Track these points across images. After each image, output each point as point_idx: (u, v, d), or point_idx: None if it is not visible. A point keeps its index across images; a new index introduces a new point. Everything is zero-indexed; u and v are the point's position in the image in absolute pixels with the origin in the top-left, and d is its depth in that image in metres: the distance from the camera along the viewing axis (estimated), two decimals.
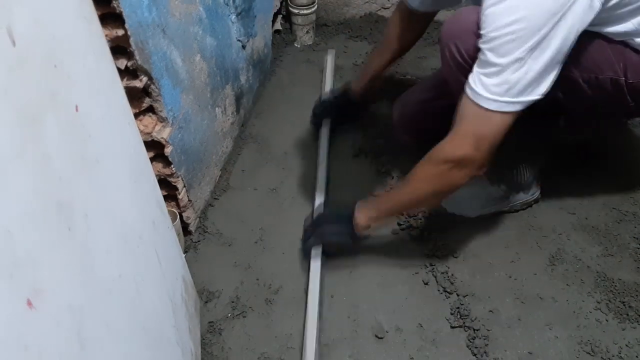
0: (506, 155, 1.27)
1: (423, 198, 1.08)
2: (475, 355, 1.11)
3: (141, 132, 1.06)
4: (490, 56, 0.88)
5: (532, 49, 0.85)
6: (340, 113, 1.60)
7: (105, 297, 0.59)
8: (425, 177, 1.04)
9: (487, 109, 0.91)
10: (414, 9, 1.31)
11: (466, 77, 0.96)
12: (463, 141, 0.96)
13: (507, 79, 0.88)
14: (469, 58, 0.99)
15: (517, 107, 0.91)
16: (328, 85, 1.73)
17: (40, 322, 0.44)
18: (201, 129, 1.29)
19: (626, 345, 1.10)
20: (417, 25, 1.39)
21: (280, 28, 2.00)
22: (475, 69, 0.92)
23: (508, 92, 0.89)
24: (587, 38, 0.94)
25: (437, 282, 1.24)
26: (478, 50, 0.92)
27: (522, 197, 1.34)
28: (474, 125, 0.94)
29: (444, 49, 1.06)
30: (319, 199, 1.37)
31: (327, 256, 1.26)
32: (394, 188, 1.16)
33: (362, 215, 1.17)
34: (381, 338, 1.14)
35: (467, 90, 0.93)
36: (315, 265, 1.23)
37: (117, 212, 0.66)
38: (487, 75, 0.89)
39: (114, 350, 0.60)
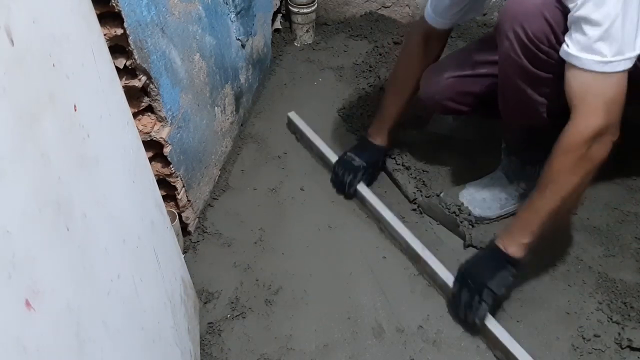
0: (525, 152, 1.28)
1: (572, 193, 1.00)
2: (475, 355, 1.11)
3: (140, 131, 1.06)
4: (590, 23, 0.89)
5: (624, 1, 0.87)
6: (374, 170, 1.45)
7: (103, 298, 0.59)
8: (567, 169, 0.98)
9: (606, 73, 0.91)
10: (436, 25, 1.24)
11: (530, 61, 0.98)
12: (594, 113, 0.94)
13: (613, 37, 0.88)
14: (536, 39, 0.98)
15: (629, 64, 0.91)
16: (325, 149, 1.50)
17: (39, 323, 0.44)
18: (200, 128, 1.29)
19: (627, 346, 1.10)
20: (435, 48, 1.31)
21: (280, 27, 2.00)
22: (576, 37, 0.92)
23: (619, 50, 0.89)
24: None
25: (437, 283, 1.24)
26: (559, 27, 0.94)
27: None
28: (599, 93, 0.93)
29: (507, 32, 1.02)
30: (439, 266, 1.21)
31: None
32: (530, 202, 1.04)
33: (515, 247, 1.07)
34: (381, 339, 1.14)
35: (576, 63, 0.93)
36: (501, 332, 1.09)
37: (115, 212, 0.66)
38: (593, 41, 0.90)
39: (112, 350, 0.60)
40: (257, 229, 1.37)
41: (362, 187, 1.39)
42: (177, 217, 1.25)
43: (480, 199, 1.32)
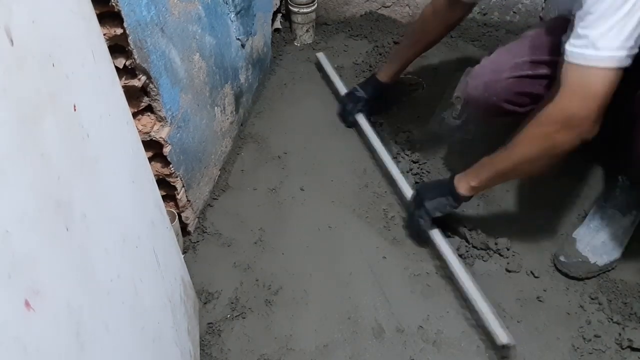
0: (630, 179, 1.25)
1: (526, 162, 1.05)
2: (475, 355, 1.11)
3: (140, 131, 1.06)
4: (594, 17, 0.90)
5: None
6: (375, 104, 1.59)
7: (103, 298, 0.59)
8: (530, 139, 1.02)
9: (595, 67, 0.92)
10: None
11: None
12: (572, 100, 0.95)
13: (619, 32, 0.89)
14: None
15: (623, 61, 0.91)
16: (340, 84, 1.70)
17: (39, 323, 0.44)
18: (200, 128, 1.29)
19: (628, 347, 1.10)
20: (456, 16, 1.36)
21: (280, 27, 1.99)
22: (580, 31, 0.93)
23: (613, 44, 0.90)
24: None
25: (438, 282, 1.24)
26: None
27: None
28: (583, 83, 0.94)
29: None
30: (403, 183, 1.37)
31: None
32: (494, 153, 1.11)
33: (463, 185, 1.17)
34: (381, 339, 1.14)
35: (571, 52, 0.94)
36: (442, 242, 1.24)
37: (115, 212, 0.66)
38: (595, 34, 0.90)
39: (112, 350, 0.60)
40: (257, 229, 1.37)
41: (360, 118, 1.57)
42: (177, 217, 1.25)
43: (599, 244, 1.23)
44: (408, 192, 1.35)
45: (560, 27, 1.25)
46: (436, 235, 1.25)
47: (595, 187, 1.41)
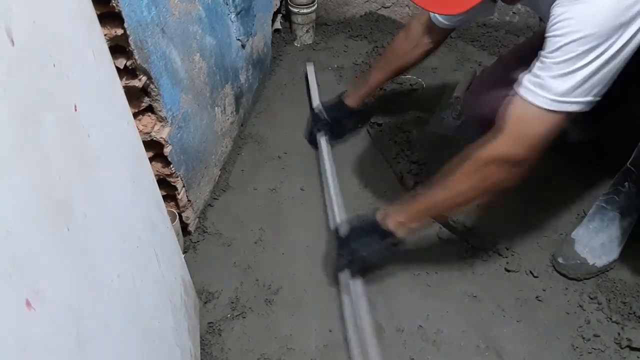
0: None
1: (462, 198, 1.03)
2: (475, 355, 1.11)
3: (140, 131, 1.06)
4: (555, 59, 0.88)
5: (597, 55, 0.85)
6: (337, 127, 1.55)
7: (104, 298, 0.59)
8: (467, 176, 1.01)
9: (546, 109, 0.90)
10: (439, 24, 1.25)
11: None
12: (515, 141, 0.94)
13: (572, 80, 0.88)
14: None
15: (577, 107, 0.90)
16: (315, 100, 1.64)
17: (40, 323, 0.44)
18: (200, 128, 1.29)
19: (627, 346, 1.10)
20: (432, 42, 1.31)
21: (280, 27, 2.00)
22: (537, 71, 0.91)
23: (572, 92, 0.88)
24: None
25: (438, 282, 1.24)
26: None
27: None
28: (529, 125, 0.93)
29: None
30: (337, 215, 1.30)
31: (360, 272, 1.19)
32: (426, 187, 1.08)
33: (390, 221, 1.11)
34: (381, 339, 1.14)
35: (524, 91, 0.93)
36: (356, 287, 1.17)
37: (116, 212, 0.66)
38: (550, 76, 0.89)
39: (112, 350, 0.60)
40: (257, 229, 1.37)
41: (321, 139, 1.52)
42: (178, 217, 1.25)
43: (598, 246, 1.23)
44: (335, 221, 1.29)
45: None
46: (350, 279, 1.17)
47: (594, 188, 1.41)
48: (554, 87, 0.89)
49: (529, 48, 1.27)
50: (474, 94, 1.33)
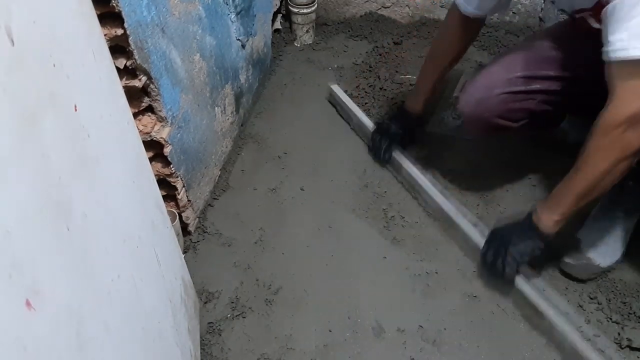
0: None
1: (604, 176, 1.00)
2: (475, 355, 1.11)
3: (140, 131, 1.06)
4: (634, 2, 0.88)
5: None
6: (405, 140, 1.51)
7: (104, 298, 0.59)
8: (599, 151, 0.99)
9: None
10: (468, 14, 1.27)
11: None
12: (632, 98, 0.93)
13: None
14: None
15: None
16: (365, 118, 1.59)
17: (39, 323, 0.44)
18: (200, 128, 1.29)
19: (627, 346, 1.10)
20: (470, 31, 1.34)
21: (280, 27, 2.00)
22: (621, 26, 0.91)
23: None
24: None
25: (438, 282, 1.24)
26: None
27: None
28: (637, 78, 0.92)
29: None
30: (469, 228, 1.28)
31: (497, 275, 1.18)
32: (566, 179, 1.07)
33: (548, 221, 1.11)
34: (381, 339, 1.14)
35: (618, 52, 0.92)
36: (531, 291, 1.15)
37: (116, 212, 0.66)
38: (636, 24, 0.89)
39: (112, 351, 0.60)
40: (257, 229, 1.37)
41: (397, 154, 1.48)
42: (178, 217, 1.25)
43: (604, 246, 1.23)
44: (473, 234, 1.26)
45: (559, 37, 1.25)
46: (522, 283, 1.17)
47: None
48: None
49: (528, 48, 1.28)
50: (468, 93, 1.30)
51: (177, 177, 1.19)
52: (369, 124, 1.56)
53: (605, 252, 1.22)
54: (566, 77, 1.21)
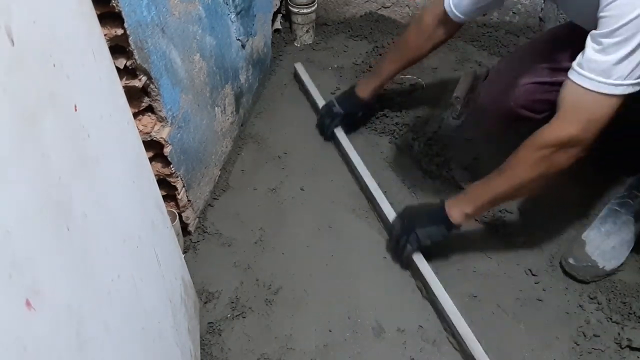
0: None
1: (524, 185, 1.05)
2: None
3: (140, 131, 1.06)
4: (612, 40, 0.88)
5: None
6: (350, 119, 1.57)
7: (104, 298, 0.59)
8: (527, 163, 1.02)
9: (602, 93, 0.91)
10: (453, 18, 1.24)
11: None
12: (573, 124, 0.95)
13: (634, 61, 0.88)
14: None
15: (630, 90, 0.91)
16: (317, 96, 1.68)
17: (39, 323, 0.44)
18: (200, 128, 1.29)
19: (627, 346, 1.10)
20: (444, 33, 1.31)
21: (280, 27, 2.00)
22: (592, 55, 0.91)
23: (624, 72, 0.89)
24: None
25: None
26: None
27: None
28: (587, 108, 0.94)
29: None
30: (386, 206, 1.34)
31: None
32: (487, 179, 1.11)
33: (457, 212, 1.15)
34: (381, 339, 1.14)
35: (579, 78, 0.93)
36: (424, 267, 1.22)
37: (116, 212, 0.66)
38: (607, 60, 0.89)
39: (112, 351, 0.60)
40: (257, 229, 1.37)
41: (339, 132, 1.55)
42: (178, 217, 1.25)
43: (609, 249, 1.22)
44: (388, 210, 1.33)
45: (576, 34, 1.25)
46: (420, 261, 1.23)
47: (595, 189, 1.41)
48: (613, 71, 0.89)
49: (548, 42, 1.27)
50: (492, 83, 1.30)
51: (177, 177, 1.19)
52: (319, 101, 1.64)
53: (611, 255, 1.22)
54: None
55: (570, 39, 1.22)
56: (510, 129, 1.38)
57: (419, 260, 1.23)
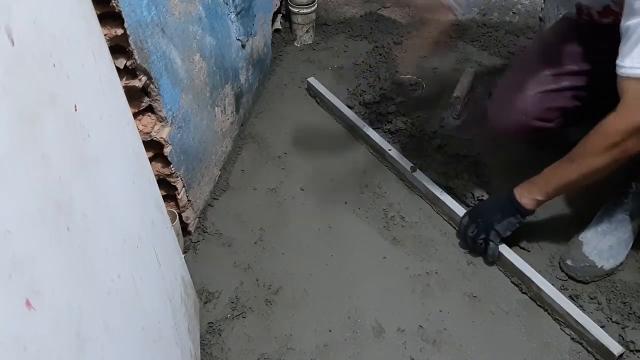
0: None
1: (596, 172, 1.05)
2: (476, 355, 1.11)
3: (140, 131, 1.06)
4: None
5: None
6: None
7: (104, 298, 0.59)
8: (598, 150, 1.02)
9: None
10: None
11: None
12: (638, 110, 0.96)
13: None
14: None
15: None
16: (344, 108, 1.64)
17: (39, 323, 0.44)
18: (200, 128, 1.29)
19: (627, 347, 1.10)
20: None
21: (280, 27, 2.00)
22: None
23: None
24: None
25: (438, 282, 1.24)
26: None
27: None
28: None
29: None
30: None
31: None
32: (556, 166, 1.11)
33: (528, 199, 1.16)
34: (381, 339, 1.14)
35: (627, 71, 0.94)
36: (517, 260, 1.22)
37: (116, 212, 0.66)
38: None
39: (112, 350, 0.60)
40: (257, 229, 1.37)
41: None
42: (178, 217, 1.25)
43: (607, 248, 1.22)
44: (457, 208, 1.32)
45: (569, 32, 1.25)
46: (508, 253, 1.23)
47: (596, 189, 1.40)
48: None
49: (546, 47, 1.27)
50: (499, 101, 1.29)
51: (177, 177, 1.19)
52: (355, 119, 1.60)
53: (609, 255, 1.21)
54: (589, 71, 1.21)
55: (568, 39, 1.22)
56: (530, 139, 1.38)
57: (510, 255, 1.22)
